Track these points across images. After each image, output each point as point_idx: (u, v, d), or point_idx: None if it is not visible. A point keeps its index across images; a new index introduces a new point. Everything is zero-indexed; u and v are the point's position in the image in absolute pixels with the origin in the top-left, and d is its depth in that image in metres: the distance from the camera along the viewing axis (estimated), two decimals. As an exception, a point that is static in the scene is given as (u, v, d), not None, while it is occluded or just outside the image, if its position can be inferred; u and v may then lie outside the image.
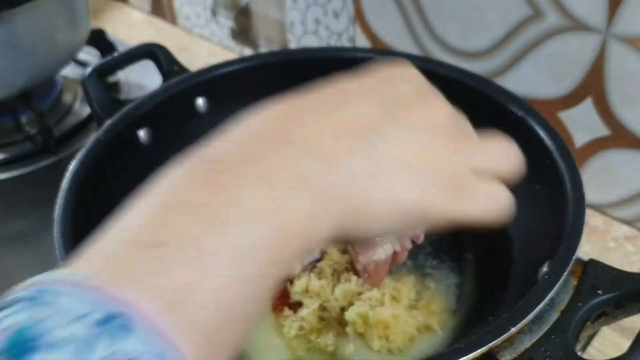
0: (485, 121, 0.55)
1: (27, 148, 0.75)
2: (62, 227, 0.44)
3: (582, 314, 0.38)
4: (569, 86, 0.62)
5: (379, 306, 0.48)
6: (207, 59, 0.96)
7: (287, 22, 0.85)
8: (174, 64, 0.61)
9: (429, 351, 0.48)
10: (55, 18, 0.70)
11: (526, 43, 0.62)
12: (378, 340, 0.47)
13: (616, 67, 0.58)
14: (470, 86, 0.54)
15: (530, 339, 0.37)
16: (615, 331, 0.56)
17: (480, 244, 0.54)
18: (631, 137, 0.60)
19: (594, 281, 0.39)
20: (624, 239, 0.64)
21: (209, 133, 0.63)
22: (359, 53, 0.60)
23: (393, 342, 0.47)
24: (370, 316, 0.47)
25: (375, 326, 0.47)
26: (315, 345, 0.48)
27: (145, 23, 1.06)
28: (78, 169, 0.48)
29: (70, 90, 0.84)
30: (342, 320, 0.49)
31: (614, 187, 0.64)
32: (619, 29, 0.56)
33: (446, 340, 0.48)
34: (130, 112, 0.54)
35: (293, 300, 0.50)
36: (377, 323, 0.47)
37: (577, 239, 0.40)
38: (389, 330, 0.47)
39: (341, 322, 0.49)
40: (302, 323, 0.49)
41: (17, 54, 0.67)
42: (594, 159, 0.64)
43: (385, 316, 0.47)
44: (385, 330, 0.47)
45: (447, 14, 0.67)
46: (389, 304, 0.49)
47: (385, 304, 0.49)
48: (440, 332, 0.48)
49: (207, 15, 0.97)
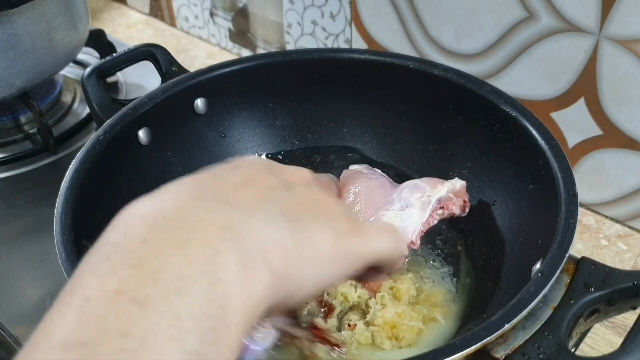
0: (480, 122, 0.56)
1: (26, 147, 0.76)
2: (62, 226, 0.44)
3: (574, 311, 0.39)
4: (562, 87, 0.62)
5: (381, 309, 0.49)
6: (205, 60, 0.97)
7: (284, 24, 0.86)
8: (173, 64, 0.62)
9: (438, 341, 0.48)
10: (54, 18, 0.70)
11: (520, 44, 0.63)
12: (388, 342, 0.47)
13: (608, 68, 0.58)
14: (465, 87, 0.55)
15: (523, 336, 0.38)
16: (608, 328, 0.56)
17: (474, 243, 0.55)
18: (623, 137, 0.61)
19: (587, 279, 0.40)
20: (615, 237, 0.65)
21: (207, 133, 0.64)
22: (356, 54, 0.60)
23: (403, 339, 0.47)
24: (373, 321, 0.48)
25: (382, 328, 0.48)
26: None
27: (144, 24, 1.07)
28: (78, 169, 0.49)
29: (70, 90, 0.85)
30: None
31: (606, 187, 0.65)
32: (611, 30, 0.56)
33: (452, 327, 0.49)
34: (129, 113, 0.55)
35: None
36: (383, 325, 0.48)
37: (570, 237, 0.40)
38: (397, 329, 0.48)
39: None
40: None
41: (16, 54, 0.67)
42: (587, 158, 0.65)
43: (390, 316, 0.48)
44: (393, 330, 0.48)
45: (442, 16, 0.67)
46: (390, 304, 0.49)
47: (387, 305, 0.49)
48: (444, 322, 0.49)
49: (205, 17, 0.97)
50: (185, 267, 0.24)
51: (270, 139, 0.64)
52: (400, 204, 0.53)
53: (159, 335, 0.22)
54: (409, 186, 0.54)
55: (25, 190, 0.71)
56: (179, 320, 0.22)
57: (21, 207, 0.69)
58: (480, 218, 0.55)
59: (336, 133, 0.65)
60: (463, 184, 0.54)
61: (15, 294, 0.60)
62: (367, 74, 0.60)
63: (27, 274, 0.62)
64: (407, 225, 0.52)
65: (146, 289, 0.23)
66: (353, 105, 0.63)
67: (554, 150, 0.47)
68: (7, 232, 0.67)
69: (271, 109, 0.64)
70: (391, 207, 0.53)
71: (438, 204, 0.53)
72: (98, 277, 0.24)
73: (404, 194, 0.54)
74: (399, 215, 0.52)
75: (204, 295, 0.23)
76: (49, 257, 0.62)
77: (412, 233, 0.51)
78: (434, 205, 0.52)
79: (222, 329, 0.24)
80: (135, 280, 0.23)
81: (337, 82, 0.61)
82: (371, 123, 0.63)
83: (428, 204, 0.52)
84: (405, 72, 0.58)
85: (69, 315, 0.23)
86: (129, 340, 0.21)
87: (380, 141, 0.63)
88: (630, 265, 0.62)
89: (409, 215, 0.52)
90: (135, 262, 0.24)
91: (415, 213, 0.52)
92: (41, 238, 0.65)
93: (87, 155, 0.50)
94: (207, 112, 0.61)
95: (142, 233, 0.25)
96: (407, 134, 0.62)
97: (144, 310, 0.22)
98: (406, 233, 0.51)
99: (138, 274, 0.23)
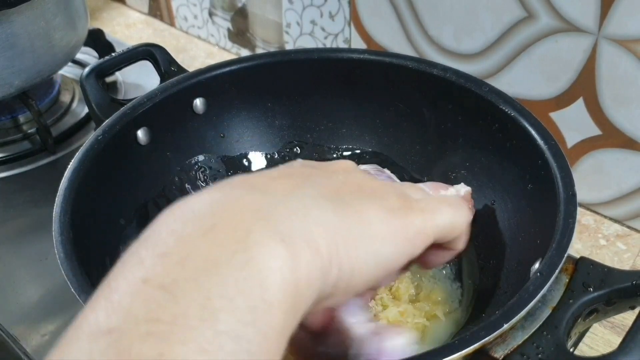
0: (479, 122, 0.56)
1: (25, 147, 0.76)
2: (61, 226, 0.44)
3: (573, 310, 0.39)
4: (561, 87, 0.62)
5: (382, 310, 0.49)
6: (204, 60, 0.97)
7: (283, 23, 0.86)
8: (172, 64, 0.62)
9: (442, 337, 0.48)
10: (53, 18, 0.70)
11: (519, 44, 0.63)
12: None
13: (607, 67, 0.58)
14: (464, 87, 0.55)
15: (522, 336, 0.38)
16: (607, 328, 0.56)
17: (473, 243, 0.55)
18: (622, 137, 0.61)
19: (585, 279, 0.40)
20: (614, 237, 0.65)
21: (206, 133, 0.64)
22: (355, 54, 0.60)
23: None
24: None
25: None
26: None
27: (143, 24, 1.07)
28: (77, 169, 0.49)
29: (68, 90, 0.85)
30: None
31: (605, 186, 0.65)
32: (610, 30, 0.56)
33: (454, 324, 0.49)
34: (128, 112, 0.55)
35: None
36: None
37: (569, 237, 0.40)
38: (401, 329, 0.48)
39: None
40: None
41: (14, 53, 0.67)
42: (586, 158, 0.65)
43: (393, 315, 0.48)
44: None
45: (441, 16, 0.67)
46: (391, 304, 0.49)
47: (388, 306, 0.49)
48: (444, 319, 0.49)
49: (204, 17, 0.97)
50: (215, 249, 0.23)
51: (270, 139, 0.64)
52: None
53: (189, 318, 0.21)
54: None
55: (24, 190, 0.71)
56: (209, 300, 0.21)
57: (20, 207, 0.69)
58: (479, 218, 0.55)
59: (335, 132, 0.65)
60: (468, 190, 0.53)
61: (14, 294, 0.60)
62: (366, 74, 0.60)
63: (26, 274, 0.62)
64: None
65: (174, 274, 0.22)
66: (352, 105, 0.63)
67: (552, 150, 0.47)
68: (5, 232, 0.67)
69: (270, 108, 0.64)
70: None
71: None
72: (126, 270, 0.23)
73: None
74: None
75: (237, 274, 0.22)
76: (47, 257, 0.62)
77: None
78: None
79: (262, 307, 0.22)
80: (162, 268, 0.22)
81: (336, 82, 0.61)
82: (370, 123, 0.63)
83: None
84: (405, 72, 0.58)
85: (97, 308, 0.22)
86: (157, 325, 0.21)
87: (379, 141, 0.63)
88: (629, 265, 0.62)
89: None
90: (162, 251, 0.23)
91: None
92: (40, 238, 0.65)
93: (86, 155, 0.50)
94: (206, 111, 0.61)
95: (170, 225, 0.24)
96: (406, 134, 0.62)
97: (172, 295, 0.21)
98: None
99: (165, 262, 0.23)
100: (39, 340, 0.56)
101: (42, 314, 0.58)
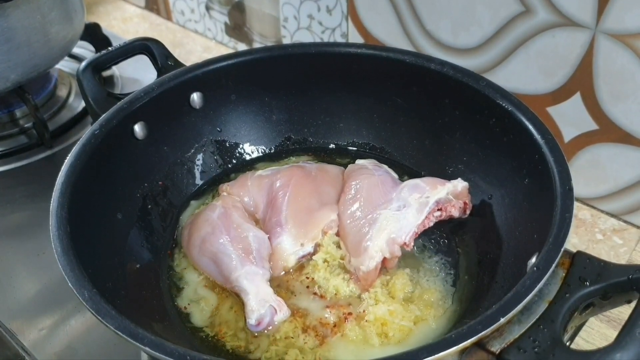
0: (476, 116, 0.56)
1: (22, 141, 0.76)
2: (58, 220, 0.44)
3: (570, 304, 0.39)
4: (558, 81, 0.62)
5: (374, 304, 0.49)
6: (201, 54, 0.96)
7: (280, 18, 0.86)
8: (169, 58, 0.62)
9: (426, 339, 0.48)
10: (49, 12, 0.70)
11: (516, 39, 0.63)
12: (377, 338, 0.47)
13: (604, 62, 0.58)
14: (461, 81, 0.55)
15: (519, 330, 0.38)
16: (603, 322, 0.57)
17: (471, 237, 0.55)
18: (619, 131, 0.61)
19: (582, 273, 0.40)
20: (611, 231, 0.65)
21: (203, 127, 0.64)
22: (352, 48, 0.60)
23: (392, 338, 0.47)
24: (364, 316, 0.49)
25: (373, 324, 0.48)
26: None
27: (140, 18, 1.06)
28: (74, 163, 0.49)
29: (65, 84, 0.85)
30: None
31: (601, 181, 0.65)
32: (607, 25, 0.56)
33: (442, 330, 0.49)
34: (124, 107, 0.54)
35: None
36: (374, 320, 0.48)
37: (565, 231, 0.41)
38: (387, 327, 0.48)
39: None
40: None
41: (11, 47, 0.67)
42: (582, 153, 0.65)
43: (382, 313, 0.48)
44: (383, 327, 0.48)
45: (439, 11, 0.67)
46: (384, 300, 0.49)
47: (381, 301, 0.49)
48: (434, 325, 0.48)
49: (201, 11, 0.97)
50: None
51: (267, 133, 0.64)
52: (398, 204, 0.53)
53: None
54: (409, 185, 0.54)
55: (21, 185, 0.71)
56: None
57: (16, 202, 0.69)
58: (476, 212, 0.55)
59: (332, 127, 0.65)
60: (465, 186, 0.54)
61: (11, 289, 0.60)
62: (363, 68, 0.60)
63: (23, 269, 0.62)
64: (402, 226, 0.52)
65: None
66: (349, 99, 0.63)
67: (549, 144, 0.47)
68: (2, 227, 0.66)
69: (267, 103, 0.64)
70: (389, 206, 0.53)
71: (436, 205, 0.52)
72: None
73: (403, 194, 0.53)
74: (395, 215, 0.52)
75: None
76: (45, 251, 0.62)
77: (407, 234, 0.51)
78: (431, 206, 0.52)
79: None
80: None
81: (333, 77, 0.61)
82: (367, 117, 0.63)
83: (425, 206, 0.52)
84: (402, 67, 0.58)
85: None
86: None
87: (376, 135, 0.63)
88: (626, 260, 0.62)
89: (405, 216, 0.52)
90: None
91: (411, 214, 0.52)
92: (37, 232, 0.65)
93: (83, 149, 0.50)
94: (203, 106, 0.61)
95: None
96: (404, 129, 0.62)
97: None
98: (400, 234, 0.51)
99: None
100: (37, 334, 0.56)
101: (40, 309, 0.58)
